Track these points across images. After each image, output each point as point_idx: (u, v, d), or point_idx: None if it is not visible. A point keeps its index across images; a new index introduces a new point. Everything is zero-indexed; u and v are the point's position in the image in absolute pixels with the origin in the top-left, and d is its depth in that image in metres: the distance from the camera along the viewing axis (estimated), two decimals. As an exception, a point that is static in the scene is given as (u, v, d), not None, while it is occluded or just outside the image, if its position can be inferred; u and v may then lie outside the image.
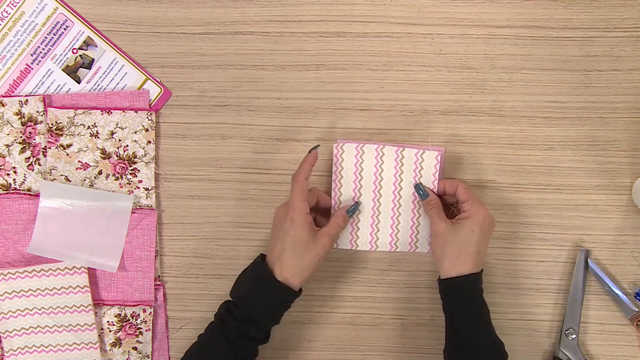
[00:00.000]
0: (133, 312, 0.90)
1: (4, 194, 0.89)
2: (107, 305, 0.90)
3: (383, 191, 0.88)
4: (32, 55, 0.90)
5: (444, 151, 0.88)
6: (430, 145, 0.89)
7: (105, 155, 0.89)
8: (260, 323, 0.80)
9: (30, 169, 0.89)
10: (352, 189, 0.88)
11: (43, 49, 0.90)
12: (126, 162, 0.90)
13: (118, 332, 0.90)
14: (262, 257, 0.82)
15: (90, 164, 0.89)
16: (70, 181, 0.89)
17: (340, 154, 0.88)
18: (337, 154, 0.88)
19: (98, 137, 0.89)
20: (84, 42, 0.90)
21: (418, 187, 0.86)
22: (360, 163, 0.88)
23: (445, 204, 0.86)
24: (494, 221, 0.82)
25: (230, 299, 0.82)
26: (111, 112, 0.89)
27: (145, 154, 0.90)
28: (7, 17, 0.89)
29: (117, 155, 0.89)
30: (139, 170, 0.90)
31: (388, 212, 0.88)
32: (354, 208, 0.86)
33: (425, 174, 0.87)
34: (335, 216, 0.84)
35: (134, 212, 0.89)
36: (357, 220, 0.88)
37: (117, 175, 0.90)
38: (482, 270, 0.81)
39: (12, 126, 0.89)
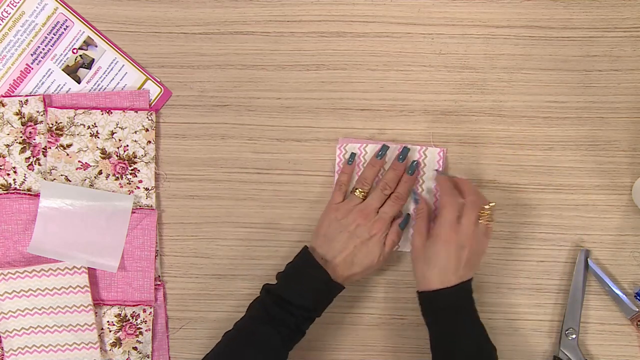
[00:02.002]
0: (133, 312, 0.90)
1: (4, 194, 0.89)
2: (107, 305, 0.90)
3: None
4: (32, 55, 0.90)
5: (446, 151, 0.88)
6: (432, 144, 0.89)
7: (106, 155, 0.89)
8: (313, 320, 0.82)
9: (30, 169, 0.89)
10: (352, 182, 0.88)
11: (43, 49, 0.90)
12: (126, 162, 0.90)
13: (118, 332, 0.90)
14: (308, 250, 0.82)
15: (91, 164, 0.89)
16: (70, 181, 0.89)
17: (344, 155, 0.88)
18: (340, 154, 0.88)
19: (98, 137, 0.89)
20: (84, 42, 0.90)
21: (413, 192, 0.87)
22: (363, 163, 0.88)
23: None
24: (469, 243, 0.81)
25: (273, 292, 0.81)
26: (111, 112, 0.89)
27: (145, 154, 0.90)
28: (7, 17, 0.89)
29: (117, 155, 0.90)
30: (139, 170, 0.90)
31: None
32: (405, 220, 0.86)
33: (428, 171, 0.88)
34: (390, 234, 0.85)
35: (134, 212, 0.89)
36: None
37: (117, 175, 0.90)
38: (465, 282, 0.80)
39: (12, 126, 0.89)
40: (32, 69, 0.90)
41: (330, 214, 0.85)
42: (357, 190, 0.85)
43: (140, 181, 0.90)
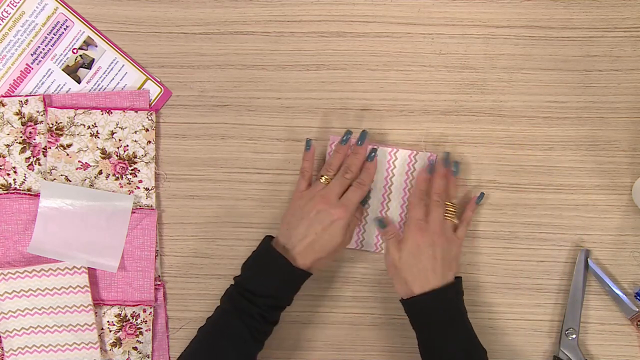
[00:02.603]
0: (133, 312, 0.90)
1: (4, 194, 0.89)
2: (107, 305, 0.90)
3: (372, 196, 0.88)
4: (32, 55, 0.90)
5: (436, 157, 0.88)
6: (424, 144, 0.89)
7: (106, 155, 0.89)
8: (282, 308, 0.82)
9: (30, 169, 0.89)
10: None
11: (43, 49, 0.90)
12: (126, 162, 0.90)
13: (118, 332, 0.90)
14: (269, 240, 0.83)
15: (91, 164, 0.89)
16: (70, 181, 0.89)
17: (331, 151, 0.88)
18: (330, 151, 0.88)
19: (98, 137, 0.89)
20: (84, 42, 0.90)
21: (379, 220, 0.86)
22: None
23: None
24: (438, 239, 0.82)
25: (238, 283, 0.81)
26: (111, 112, 0.89)
27: (145, 154, 0.90)
28: (7, 17, 0.89)
29: (117, 155, 0.90)
30: (139, 170, 0.90)
31: (376, 213, 0.88)
32: (379, 221, 0.86)
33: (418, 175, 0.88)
34: (355, 216, 0.85)
35: (134, 212, 0.89)
36: (365, 222, 0.89)
37: (117, 175, 0.90)
38: (449, 283, 0.81)
39: (12, 126, 0.89)
40: (32, 69, 0.90)
41: (295, 202, 0.84)
42: (323, 177, 0.84)
43: (140, 181, 0.90)
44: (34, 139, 0.89)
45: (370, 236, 0.88)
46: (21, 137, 0.89)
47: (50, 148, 0.89)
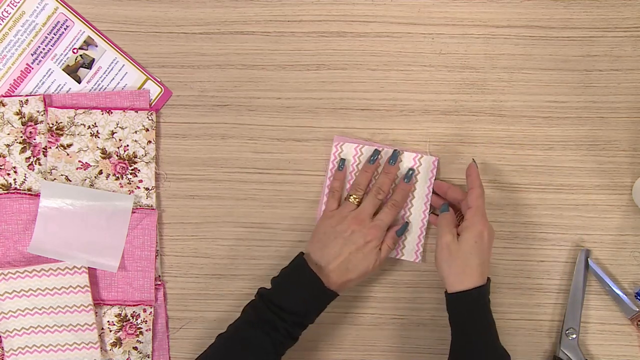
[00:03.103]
0: (133, 312, 0.90)
1: (4, 193, 0.89)
2: (108, 305, 0.90)
3: None
4: (32, 55, 0.90)
5: (438, 160, 0.88)
6: (429, 145, 0.89)
7: (106, 155, 0.89)
8: (306, 326, 0.82)
9: (30, 169, 0.89)
10: (346, 188, 0.88)
11: (43, 48, 0.90)
12: (126, 162, 0.90)
13: (118, 332, 0.90)
14: (303, 256, 0.82)
15: (91, 164, 0.89)
16: (70, 181, 0.89)
17: (339, 153, 0.88)
18: (336, 152, 0.88)
19: (98, 137, 0.89)
20: (85, 42, 0.90)
21: (445, 205, 0.84)
22: (357, 164, 0.88)
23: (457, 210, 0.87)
24: (494, 233, 0.82)
25: (266, 296, 0.81)
26: (111, 112, 0.89)
27: (145, 154, 0.90)
28: (8, 17, 0.89)
29: (117, 155, 0.90)
30: (139, 170, 0.90)
31: (419, 217, 0.88)
32: (403, 228, 0.86)
33: (421, 178, 0.88)
34: (386, 239, 0.84)
35: (135, 212, 0.89)
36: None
37: (117, 175, 0.90)
38: (488, 280, 0.80)
39: (13, 126, 0.89)
40: (33, 68, 0.90)
41: (325, 221, 0.84)
42: (351, 197, 0.85)
43: (141, 181, 0.90)
44: (34, 139, 0.89)
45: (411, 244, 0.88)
46: (21, 137, 0.89)
47: (50, 148, 0.89)
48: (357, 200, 0.85)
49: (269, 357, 0.79)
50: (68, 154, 0.89)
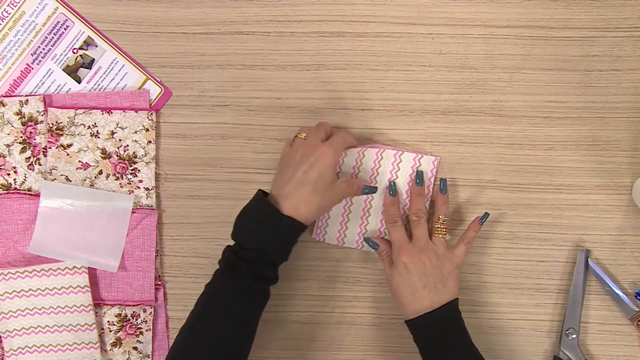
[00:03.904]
0: (133, 312, 0.90)
1: (5, 194, 0.89)
2: (108, 305, 0.90)
3: (374, 197, 0.88)
4: (32, 55, 0.90)
5: (440, 159, 0.88)
6: (429, 145, 0.89)
7: (106, 155, 0.89)
8: (271, 262, 0.79)
9: (30, 169, 0.89)
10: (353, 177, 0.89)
11: (43, 48, 0.90)
12: (126, 162, 0.90)
13: (118, 332, 0.90)
14: (262, 193, 0.81)
15: (91, 164, 0.89)
16: (70, 181, 0.89)
17: (343, 158, 0.88)
18: (341, 157, 0.88)
19: (98, 137, 0.89)
20: (85, 42, 0.90)
21: (367, 240, 0.86)
22: (359, 166, 0.88)
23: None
24: (428, 255, 0.82)
25: (234, 242, 0.80)
26: (111, 112, 0.89)
27: (145, 154, 0.90)
28: (8, 17, 0.89)
29: (117, 155, 0.90)
30: (139, 170, 0.90)
31: (378, 217, 0.88)
32: (370, 189, 0.85)
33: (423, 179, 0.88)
34: (353, 181, 0.85)
35: (134, 212, 0.89)
36: (347, 219, 0.88)
37: (117, 175, 0.90)
38: (453, 302, 0.81)
39: (13, 126, 0.89)
40: (33, 68, 0.90)
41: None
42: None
43: (141, 181, 0.90)
44: (34, 139, 0.89)
45: (353, 233, 0.89)
46: (21, 137, 0.89)
47: (50, 148, 0.89)
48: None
49: (241, 308, 0.77)
50: (68, 154, 0.89)
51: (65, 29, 0.90)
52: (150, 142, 0.90)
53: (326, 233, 0.89)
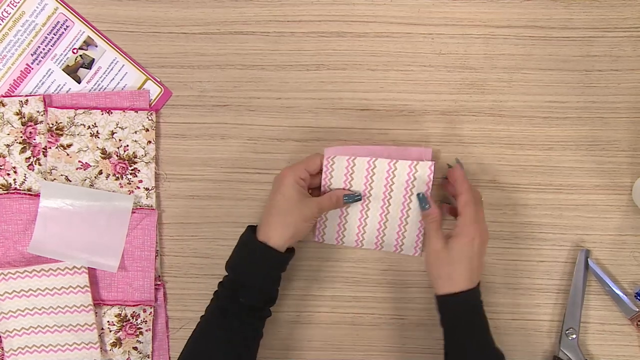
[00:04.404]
0: (133, 312, 0.90)
1: (4, 194, 0.89)
2: (108, 305, 0.90)
3: (372, 200, 0.87)
4: (32, 55, 0.90)
5: (435, 165, 0.85)
6: (423, 147, 0.88)
7: (106, 155, 0.89)
8: (251, 287, 0.79)
9: (30, 169, 0.89)
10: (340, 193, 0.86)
11: (43, 49, 0.90)
12: (126, 162, 0.90)
13: (118, 332, 0.90)
14: (249, 227, 0.83)
15: (91, 164, 0.89)
16: (70, 181, 0.89)
17: (331, 165, 0.85)
18: (327, 164, 0.86)
19: (98, 137, 0.89)
20: (84, 42, 0.90)
21: (421, 197, 0.83)
22: (350, 174, 0.86)
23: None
24: (487, 238, 0.81)
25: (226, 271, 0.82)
26: (111, 112, 0.89)
27: (145, 154, 0.90)
28: (8, 17, 0.89)
29: (117, 155, 0.90)
30: (139, 170, 0.90)
31: (376, 216, 0.87)
32: (352, 197, 0.85)
33: (418, 185, 0.85)
34: (331, 193, 0.84)
35: (134, 212, 0.89)
36: (345, 220, 0.88)
37: (117, 175, 0.90)
38: (478, 284, 0.80)
39: (13, 126, 0.89)
40: (32, 69, 0.90)
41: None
42: None
43: (141, 181, 0.90)
44: (34, 139, 0.89)
45: (351, 232, 0.88)
46: (21, 137, 0.89)
47: (50, 148, 0.89)
48: None
49: (224, 331, 0.79)
50: (68, 154, 0.89)
51: (65, 29, 0.90)
52: (150, 142, 0.90)
53: (325, 234, 0.89)
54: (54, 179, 0.89)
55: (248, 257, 0.80)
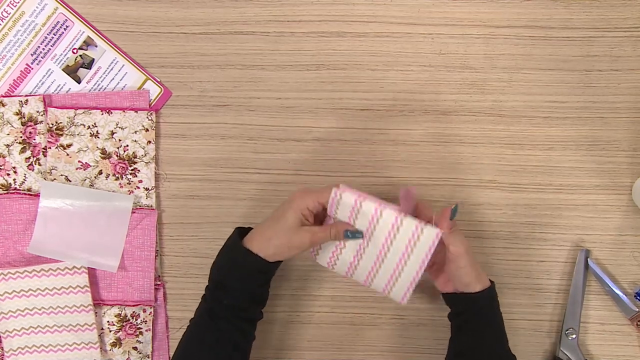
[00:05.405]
0: (133, 312, 0.90)
1: (4, 194, 0.89)
2: (107, 305, 0.90)
3: (370, 244, 0.80)
4: (32, 55, 0.90)
5: (441, 235, 0.77)
6: (433, 224, 0.79)
7: (106, 155, 0.89)
8: (231, 288, 0.78)
9: (30, 169, 0.89)
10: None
11: (43, 49, 0.90)
12: (126, 162, 0.90)
13: (118, 332, 0.90)
14: (237, 228, 0.81)
15: (91, 164, 0.89)
16: (70, 181, 0.89)
17: (338, 200, 0.79)
18: (335, 198, 0.79)
19: (98, 137, 0.89)
20: (84, 42, 0.90)
21: (454, 209, 0.78)
22: (355, 214, 0.79)
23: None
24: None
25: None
26: (111, 112, 0.89)
27: (145, 154, 0.90)
28: (7, 17, 0.89)
29: (117, 155, 0.90)
30: (139, 170, 0.90)
31: (372, 259, 0.81)
32: (353, 234, 0.80)
33: (418, 249, 0.78)
34: (331, 225, 0.79)
35: (134, 212, 0.89)
36: (340, 252, 0.82)
37: (117, 175, 0.90)
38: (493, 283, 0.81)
39: (12, 126, 0.89)
40: (32, 69, 0.90)
41: None
42: None
43: (140, 181, 0.90)
44: (34, 139, 0.89)
45: (345, 262, 0.82)
46: (21, 137, 0.89)
47: (50, 148, 0.89)
48: None
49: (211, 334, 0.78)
50: (68, 154, 0.89)
51: (65, 29, 0.90)
52: (150, 142, 0.90)
53: (319, 254, 0.83)
54: (54, 179, 0.89)
55: (231, 259, 0.79)
